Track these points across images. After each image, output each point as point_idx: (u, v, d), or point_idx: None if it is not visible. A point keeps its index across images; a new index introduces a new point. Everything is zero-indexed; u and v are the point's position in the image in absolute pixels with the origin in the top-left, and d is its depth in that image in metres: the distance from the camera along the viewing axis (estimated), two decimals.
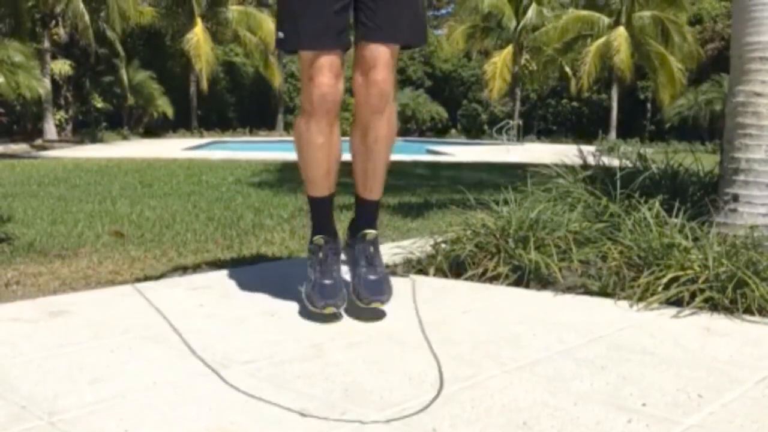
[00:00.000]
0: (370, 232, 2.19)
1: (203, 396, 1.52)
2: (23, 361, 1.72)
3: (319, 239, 2.16)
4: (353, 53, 2.09)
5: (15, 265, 3.03)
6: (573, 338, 1.93)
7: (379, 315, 2.09)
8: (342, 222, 2.55)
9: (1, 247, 3.44)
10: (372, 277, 2.10)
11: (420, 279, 2.60)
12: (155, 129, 25.39)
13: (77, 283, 2.71)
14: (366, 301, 2.07)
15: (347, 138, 2.07)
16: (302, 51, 2.02)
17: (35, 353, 1.78)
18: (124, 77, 24.08)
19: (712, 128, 23.85)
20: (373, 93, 2.04)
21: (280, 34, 2.06)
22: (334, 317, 2.06)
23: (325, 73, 2.00)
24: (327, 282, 2.08)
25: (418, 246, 2.86)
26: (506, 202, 2.88)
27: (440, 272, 2.67)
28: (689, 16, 26.69)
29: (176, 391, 1.54)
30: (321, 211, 2.22)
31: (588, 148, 3.66)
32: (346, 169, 2.17)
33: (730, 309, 2.14)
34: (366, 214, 2.24)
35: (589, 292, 2.39)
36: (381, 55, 2.02)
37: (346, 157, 2.16)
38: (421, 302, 2.26)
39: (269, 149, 16.65)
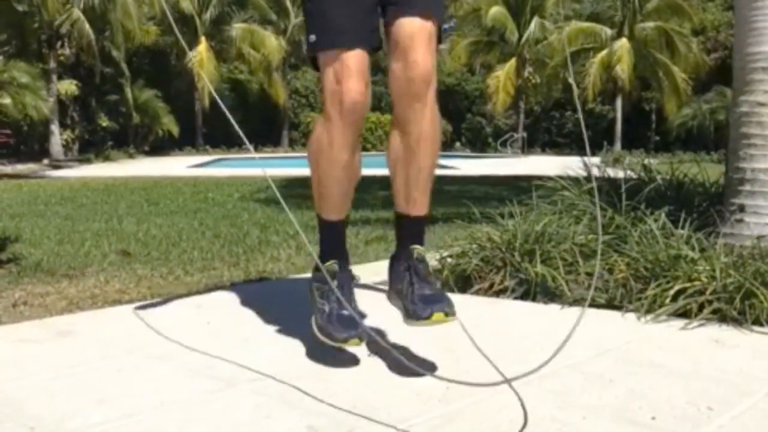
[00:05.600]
0: (417, 248, 1.86)
1: (211, 415, 1.51)
2: (31, 382, 1.72)
3: (332, 265, 1.87)
4: (381, 53, 1.88)
5: (22, 285, 3.04)
6: (581, 352, 1.92)
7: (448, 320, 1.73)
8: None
9: (8, 268, 3.45)
10: (428, 292, 1.76)
11: None
12: (161, 147, 25.49)
13: (84, 303, 2.71)
14: (427, 314, 1.70)
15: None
16: (333, 50, 1.78)
17: (42, 374, 1.78)
18: (130, 96, 24.23)
19: (717, 138, 23.82)
20: (414, 76, 1.75)
21: (312, 37, 1.83)
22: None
23: (355, 76, 1.75)
24: (346, 313, 1.77)
25: None
26: (512, 216, 2.88)
27: (446, 287, 2.67)
28: (693, 26, 26.73)
29: (184, 411, 1.54)
30: (335, 235, 1.95)
31: (593, 160, 3.66)
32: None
33: (738, 320, 2.13)
34: (410, 234, 1.90)
35: (596, 305, 2.38)
36: (418, 31, 1.76)
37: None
38: None
39: (274, 165, 16.64)
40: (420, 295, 1.75)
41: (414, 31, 1.76)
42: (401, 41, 1.77)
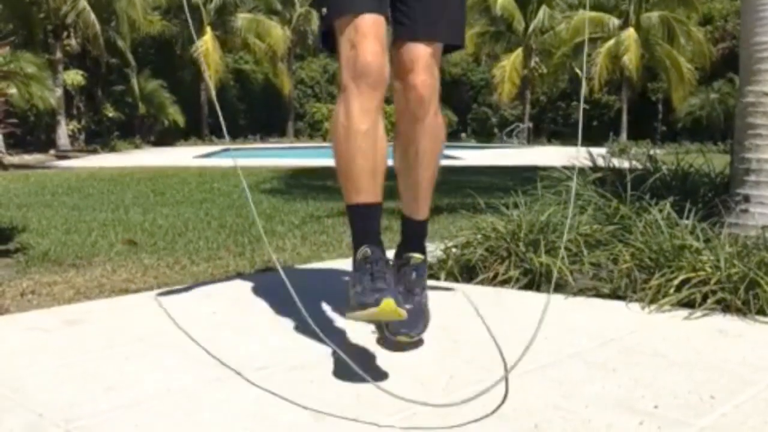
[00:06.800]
0: (414, 257, 1.98)
1: (217, 402, 1.53)
2: (39, 370, 1.74)
3: (364, 250, 1.71)
4: (391, 58, 1.84)
5: (30, 274, 3.06)
6: (584, 341, 1.93)
7: (405, 349, 1.83)
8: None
9: (16, 257, 3.47)
10: (406, 306, 1.72)
11: (434, 284, 2.60)
12: (167, 137, 25.53)
13: (91, 292, 2.73)
14: (392, 331, 1.81)
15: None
16: (347, 15, 1.73)
17: (51, 362, 1.80)
18: (136, 86, 24.26)
19: (725, 128, 23.70)
20: (411, 98, 1.83)
21: (324, 10, 1.79)
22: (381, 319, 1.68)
23: (370, 39, 1.69)
24: (381, 285, 1.62)
25: (428, 251, 2.86)
26: (516, 206, 2.89)
27: (451, 277, 2.68)
28: (699, 15, 26.59)
29: (190, 398, 1.56)
30: (364, 219, 1.78)
31: (599, 150, 3.66)
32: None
33: (742, 310, 2.13)
34: (411, 236, 2.04)
35: (600, 295, 2.39)
36: (419, 55, 1.82)
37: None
38: (434, 306, 2.26)
39: (280, 156, 16.72)
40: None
41: (416, 55, 1.82)
42: (403, 63, 1.84)
